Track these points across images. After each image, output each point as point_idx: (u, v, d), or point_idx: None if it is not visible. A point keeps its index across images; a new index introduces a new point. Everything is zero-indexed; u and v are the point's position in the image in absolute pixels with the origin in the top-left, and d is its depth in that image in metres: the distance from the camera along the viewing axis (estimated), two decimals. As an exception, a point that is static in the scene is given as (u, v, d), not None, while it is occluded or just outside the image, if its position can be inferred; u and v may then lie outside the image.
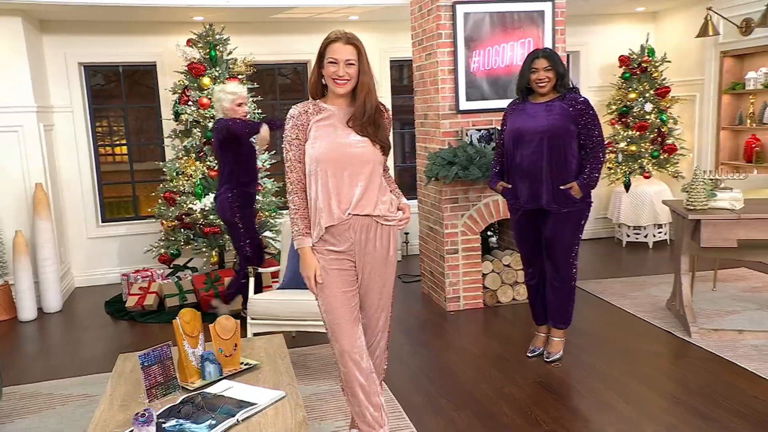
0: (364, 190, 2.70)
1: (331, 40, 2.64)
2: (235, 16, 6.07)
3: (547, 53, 3.75)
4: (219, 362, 2.91)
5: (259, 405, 2.56)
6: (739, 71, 6.63)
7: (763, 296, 5.16)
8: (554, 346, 3.99)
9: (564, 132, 3.67)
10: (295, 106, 2.79)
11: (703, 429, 3.16)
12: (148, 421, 2.42)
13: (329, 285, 2.75)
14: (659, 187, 7.01)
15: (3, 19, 5.44)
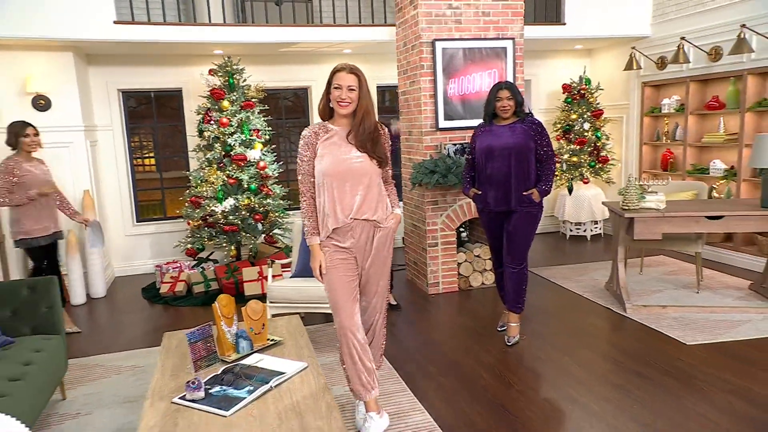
0: (363, 198, 2.74)
1: (337, 69, 2.70)
2: (250, 50, 6.04)
3: (508, 85, 3.80)
4: (250, 339, 2.93)
5: (287, 374, 2.59)
6: (656, 98, 6.78)
7: (680, 278, 5.28)
8: (512, 331, 3.96)
9: (526, 148, 3.72)
10: (306, 128, 2.83)
11: (640, 386, 3.26)
12: (198, 387, 2.44)
13: (334, 271, 2.78)
14: (595, 191, 7.11)
15: (58, 54, 5.38)
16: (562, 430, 2.85)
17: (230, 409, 2.30)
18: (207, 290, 5.51)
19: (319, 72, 6.56)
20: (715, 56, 5.82)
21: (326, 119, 2.81)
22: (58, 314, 3.27)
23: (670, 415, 2.93)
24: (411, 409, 3.08)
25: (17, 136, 4.22)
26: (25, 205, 4.20)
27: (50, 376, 2.93)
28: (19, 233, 4.26)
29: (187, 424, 2.25)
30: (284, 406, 2.34)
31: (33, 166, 4.31)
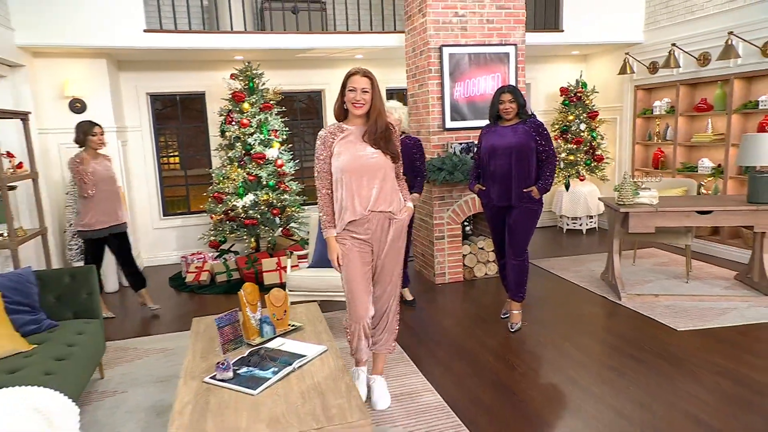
0: (379, 191, 2.75)
1: (351, 73, 2.71)
2: (268, 55, 6.05)
3: (510, 89, 3.79)
4: (273, 324, 2.94)
5: (308, 356, 2.61)
6: (648, 100, 6.75)
7: (670, 269, 5.28)
8: (515, 318, 3.96)
9: (527, 148, 3.72)
10: (323, 129, 2.85)
11: (635, 368, 3.27)
12: (227, 368, 2.46)
13: (351, 262, 2.81)
14: (591, 187, 7.10)
15: (93, 60, 5.42)
16: (563, 410, 2.85)
17: (257, 389, 2.32)
18: (229, 279, 5.55)
19: (333, 76, 6.59)
20: (703, 61, 5.79)
21: (341, 120, 2.82)
22: (96, 300, 3.31)
23: (664, 396, 2.94)
24: (422, 389, 3.10)
25: (85, 134, 4.22)
26: (86, 198, 4.21)
27: (91, 356, 2.97)
28: (77, 225, 4.33)
29: (218, 401, 2.27)
30: (307, 386, 2.36)
31: (97, 163, 4.30)
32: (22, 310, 2.96)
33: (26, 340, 2.84)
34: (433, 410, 2.87)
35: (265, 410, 2.18)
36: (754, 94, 5.47)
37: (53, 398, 2.30)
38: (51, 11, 4.85)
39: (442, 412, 2.85)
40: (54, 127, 5.36)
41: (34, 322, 2.99)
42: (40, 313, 3.06)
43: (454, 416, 2.80)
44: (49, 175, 5.28)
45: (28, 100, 4.86)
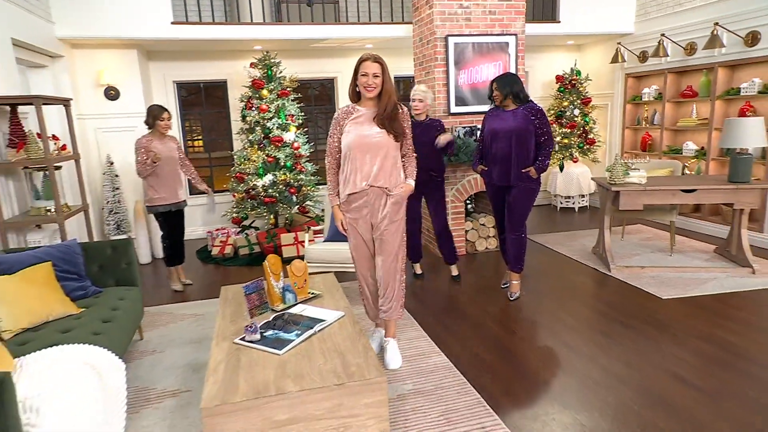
0: (380, 167, 2.78)
1: (363, 59, 2.72)
2: (285, 45, 6.00)
3: (497, 78, 3.76)
4: (294, 292, 2.97)
5: (328, 321, 2.65)
6: (638, 88, 6.67)
7: (655, 243, 5.27)
8: (514, 287, 3.98)
9: (525, 131, 3.69)
10: (338, 108, 2.89)
11: (623, 332, 3.30)
12: (255, 331, 2.50)
13: (353, 233, 2.93)
14: (583, 169, 7.06)
15: (125, 51, 5.40)
16: (558, 369, 2.90)
17: (282, 349, 2.36)
18: (251, 252, 5.59)
19: (344, 64, 6.52)
20: (690, 51, 5.70)
21: (355, 102, 2.85)
22: (135, 269, 3.35)
23: (650, 357, 2.98)
24: (430, 351, 3.15)
25: (155, 118, 4.19)
26: (151, 176, 4.20)
27: (132, 320, 3.02)
28: (145, 201, 4.35)
29: (248, 360, 2.32)
30: (327, 347, 2.40)
31: (162, 144, 4.25)
32: (71, 277, 3.01)
33: (75, 304, 2.90)
34: (440, 369, 2.92)
35: (290, 368, 2.23)
36: (737, 81, 5.40)
37: (103, 355, 2.36)
38: (87, 5, 4.82)
39: (449, 371, 2.89)
40: (91, 112, 5.36)
41: (81, 289, 3.04)
42: (86, 280, 3.11)
43: (459, 375, 2.85)
44: (88, 157, 5.30)
45: (67, 88, 4.85)
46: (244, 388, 2.09)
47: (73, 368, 2.14)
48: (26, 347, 2.42)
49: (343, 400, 2.11)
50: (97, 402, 2.12)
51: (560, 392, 2.66)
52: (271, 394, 2.04)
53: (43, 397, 1.90)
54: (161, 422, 2.53)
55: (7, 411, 1.55)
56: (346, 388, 2.11)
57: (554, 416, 2.46)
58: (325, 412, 2.10)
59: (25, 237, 3.56)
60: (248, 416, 2.02)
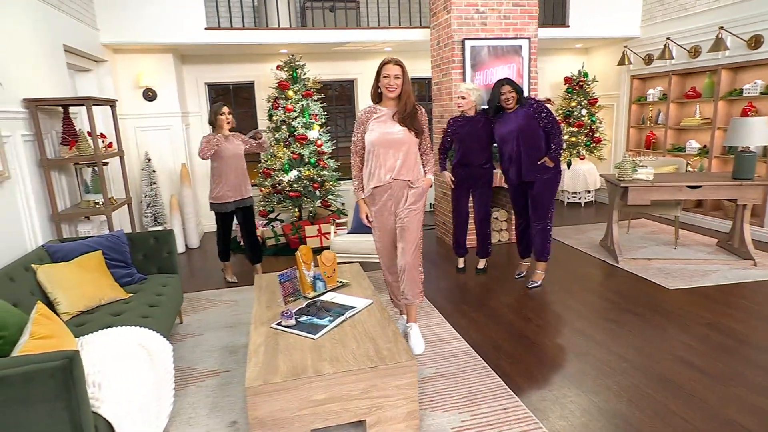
0: (403, 162, 2.80)
1: (385, 62, 2.74)
2: (309, 49, 5.98)
3: (508, 80, 3.71)
4: (324, 280, 2.99)
5: (357, 308, 2.66)
6: (643, 89, 6.57)
7: (659, 236, 5.22)
8: (537, 276, 3.94)
9: (529, 128, 3.64)
10: (361, 109, 2.90)
11: (633, 321, 3.28)
12: (290, 316, 2.53)
13: (378, 226, 2.95)
14: (589, 166, 6.97)
15: (162, 55, 5.43)
16: (573, 355, 2.89)
17: (317, 334, 2.38)
18: (277, 243, 5.61)
19: (364, 67, 6.50)
20: (694, 53, 5.60)
21: (377, 102, 2.87)
22: (175, 258, 3.38)
23: (658, 343, 2.96)
24: (450, 337, 3.15)
25: (215, 113, 4.04)
26: (216, 172, 4.05)
27: (174, 305, 3.06)
28: (210, 198, 4.17)
29: (285, 343, 2.35)
30: (359, 333, 2.41)
31: (227, 141, 4.04)
32: (118, 265, 3.06)
33: (124, 290, 2.94)
34: (461, 354, 2.92)
35: (325, 351, 2.25)
36: (739, 82, 5.29)
37: (153, 337, 2.40)
38: (129, 14, 4.86)
39: (470, 356, 2.90)
40: (131, 113, 5.41)
41: (128, 276, 3.09)
42: (132, 268, 3.15)
43: (480, 359, 2.85)
44: (128, 154, 5.35)
45: (110, 90, 4.90)
46: (283, 370, 2.11)
47: (128, 348, 2.18)
48: (83, 328, 2.47)
49: (376, 382, 2.13)
50: (150, 380, 2.16)
51: (576, 376, 2.65)
52: (309, 376, 2.06)
53: (103, 374, 1.94)
54: (204, 399, 2.56)
55: (78, 385, 1.58)
56: (379, 370, 2.12)
57: (572, 399, 2.45)
58: (359, 392, 2.12)
59: (76, 227, 3.62)
60: (288, 395, 2.05)
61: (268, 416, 2.03)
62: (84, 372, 1.64)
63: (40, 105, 3.17)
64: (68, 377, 1.55)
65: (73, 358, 1.57)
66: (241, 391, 2.60)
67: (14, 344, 1.88)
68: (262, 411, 2.03)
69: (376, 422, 2.15)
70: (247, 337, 3.25)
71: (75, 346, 2.07)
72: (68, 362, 1.55)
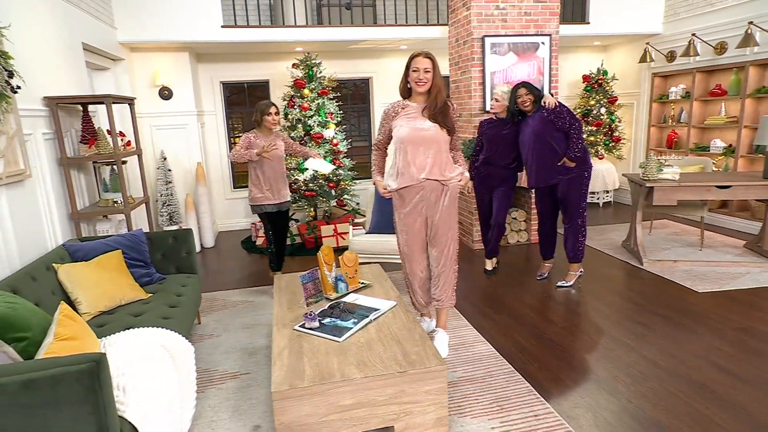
0: (434, 160, 2.68)
1: (415, 55, 2.64)
2: (325, 47, 5.94)
3: (524, 84, 3.67)
4: (346, 281, 2.94)
5: (381, 310, 2.60)
6: (665, 87, 6.43)
7: (683, 238, 5.10)
8: (569, 277, 3.87)
9: (545, 131, 3.57)
10: (390, 103, 2.81)
11: (663, 324, 3.18)
12: (314, 318, 2.47)
13: (405, 228, 2.81)
14: (608, 165, 6.84)
15: (178, 54, 5.41)
16: (603, 358, 2.80)
17: (342, 336, 2.32)
18: (292, 243, 5.57)
19: (379, 65, 6.44)
20: (720, 50, 5.46)
21: (406, 98, 2.75)
22: (194, 258, 3.35)
23: (691, 347, 2.86)
24: (474, 340, 3.08)
25: (262, 113, 3.79)
26: (254, 174, 3.83)
27: (193, 305, 3.02)
28: (249, 199, 3.96)
29: (310, 346, 2.29)
30: (384, 336, 2.35)
31: (268, 142, 3.79)
32: (138, 264, 3.03)
33: (143, 290, 2.91)
34: (487, 358, 2.85)
35: (352, 354, 2.19)
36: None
37: (175, 338, 2.36)
38: (145, 12, 4.84)
39: (496, 359, 2.82)
40: (147, 111, 5.40)
41: (147, 275, 3.05)
42: (151, 267, 3.12)
43: (506, 363, 2.78)
44: (144, 153, 5.33)
45: (126, 88, 4.89)
46: (309, 374, 2.05)
47: (151, 351, 2.14)
48: (104, 329, 2.44)
49: (404, 387, 2.07)
50: (173, 383, 2.12)
51: (608, 382, 2.56)
52: (336, 380, 2.00)
53: (127, 377, 1.90)
54: (225, 402, 2.52)
55: (104, 389, 1.54)
56: (408, 375, 2.06)
57: (605, 406, 2.37)
58: (388, 398, 2.06)
59: (95, 226, 3.60)
60: (315, 400, 1.99)
61: (295, 422, 1.98)
62: (110, 375, 1.59)
63: (60, 103, 3.15)
64: (95, 381, 1.51)
65: (100, 361, 1.52)
66: (262, 395, 2.55)
67: (38, 345, 1.84)
68: (288, 416, 1.97)
69: (404, 428, 2.09)
70: (266, 339, 3.21)
71: (98, 348, 2.03)
72: (95, 365, 1.51)
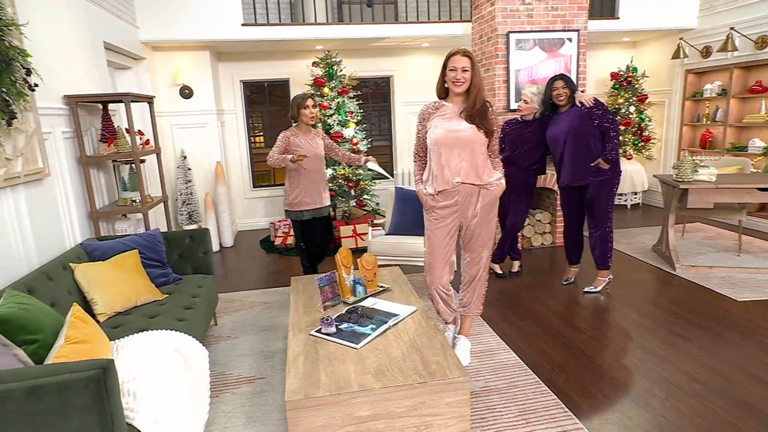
0: (469, 163, 2.55)
1: (452, 53, 2.50)
2: (345, 45, 5.87)
3: (562, 76, 3.53)
4: (365, 285, 2.85)
5: (401, 315, 2.51)
6: (699, 84, 6.15)
7: (719, 242, 4.85)
8: (597, 282, 3.71)
9: (581, 128, 3.42)
10: (425, 104, 2.69)
11: (701, 335, 3.00)
12: (330, 323, 2.39)
13: (435, 234, 2.66)
14: (636, 166, 6.60)
15: (199, 53, 5.41)
16: (636, 371, 2.64)
17: (359, 343, 2.24)
18: (311, 243, 5.52)
19: (400, 63, 6.34)
20: (761, 44, 5.18)
21: (442, 98, 2.63)
22: (211, 258, 3.31)
23: (734, 361, 2.67)
24: (498, 348, 2.95)
25: (299, 106, 3.45)
26: (293, 179, 3.52)
27: (209, 306, 2.98)
28: (285, 204, 3.62)
29: (326, 352, 2.21)
30: (404, 343, 2.25)
31: (307, 140, 3.52)
32: (154, 264, 3.00)
33: (160, 291, 2.87)
34: (511, 367, 2.72)
35: (369, 363, 2.10)
36: (814, 75, 4.86)
37: (189, 342, 2.30)
38: (167, 11, 4.85)
39: (520, 369, 2.69)
40: (168, 110, 5.42)
41: (164, 276, 3.02)
42: (168, 268, 3.09)
43: (531, 373, 2.64)
44: (164, 151, 5.36)
45: (148, 87, 4.91)
46: (325, 382, 1.97)
47: (164, 354, 2.09)
48: (118, 331, 2.40)
49: (424, 399, 1.96)
50: (186, 387, 2.06)
51: (641, 397, 2.41)
52: (353, 390, 1.91)
53: (138, 382, 1.84)
54: (240, 408, 2.45)
55: (112, 397, 1.48)
56: (429, 386, 1.95)
57: (638, 423, 2.22)
58: (407, 409, 1.95)
59: (114, 225, 3.60)
60: (330, 411, 1.90)
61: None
62: (119, 382, 1.53)
63: (80, 102, 3.14)
64: (102, 388, 1.45)
65: (108, 367, 1.46)
66: (277, 401, 2.48)
67: (49, 347, 1.80)
68: (303, 427, 1.89)
69: (424, 442, 1.98)
70: (282, 342, 3.14)
71: (110, 352, 1.99)
72: (102, 372, 1.45)
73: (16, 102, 2.27)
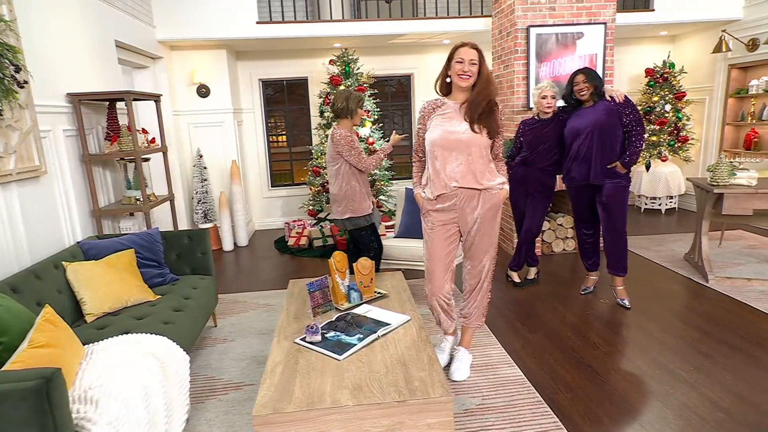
0: (469, 167, 2.36)
1: (459, 45, 2.31)
2: (363, 42, 5.74)
3: (584, 70, 3.28)
4: (360, 291, 2.72)
5: (392, 325, 2.36)
6: (743, 80, 5.69)
7: (761, 252, 4.44)
8: (621, 294, 3.44)
9: (608, 124, 3.18)
10: (425, 101, 2.51)
11: (731, 356, 2.70)
12: (316, 332, 2.27)
13: (433, 241, 2.49)
14: (672, 168, 6.16)
15: (216, 51, 5.40)
16: (651, 395, 2.39)
17: (342, 354, 2.11)
18: (324, 244, 5.44)
19: (421, 61, 6.17)
20: (814, 35, 4.71)
21: (445, 95, 2.45)
22: (210, 259, 3.25)
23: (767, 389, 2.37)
24: (501, 361, 2.75)
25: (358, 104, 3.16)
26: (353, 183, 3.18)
27: (202, 309, 2.91)
28: (347, 210, 3.21)
29: (306, 363, 2.09)
30: (390, 356, 2.10)
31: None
32: (151, 264, 2.96)
33: (153, 291, 2.83)
34: (512, 383, 2.52)
35: (349, 376, 1.96)
36: None
37: (168, 346, 2.23)
38: (183, 10, 4.87)
39: (522, 386, 2.49)
40: (185, 109, 5.45)
41: (160, 276, 2.98)
42: (165, 268, 3.04)
43: (534, 391, 2.43)
44: (181, 150, 5.39)
45: (164, 86, 4.94)
46: (298, 396, 1.84)
47: (138, 359, 2.01)
48: (103, 332, 2.35)
49: (403, 419, 1.80)
50: (159, 394, 1.98)
51: (656, 424, 2.16)
52: (326, 407, 1.78)
53: (104, 389, 1.77)
54: (223, 416, 2.36)
55: (56, 410, 1.39)
56: (408, 405, 1.79)
57: (649, 456, 1.98)
58: (384, 430, 1.80)
59: (119, 224, 3.60)
60: (299, 428, 1.77)
61: (277, 451, 1.77)
62: (67, 393, 1.45)
63: (83, 100, 3.14)
64: (42, 401, 1.37)
65: (51, 378, 1.38)
66: (261, 410, 2.37)
67: (13, 351, 1.75)
68: (269, 444, 1.76)
69: (402, 466, 1.83)
70: (278, 347, 3.05)
71: (81, 357, 1.93)
72: (44, 383, 1.37)
73: (3, 99, 2.26)
